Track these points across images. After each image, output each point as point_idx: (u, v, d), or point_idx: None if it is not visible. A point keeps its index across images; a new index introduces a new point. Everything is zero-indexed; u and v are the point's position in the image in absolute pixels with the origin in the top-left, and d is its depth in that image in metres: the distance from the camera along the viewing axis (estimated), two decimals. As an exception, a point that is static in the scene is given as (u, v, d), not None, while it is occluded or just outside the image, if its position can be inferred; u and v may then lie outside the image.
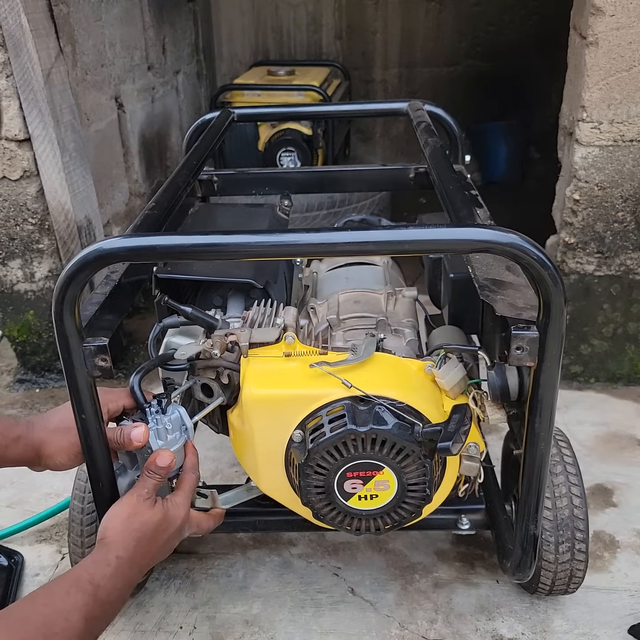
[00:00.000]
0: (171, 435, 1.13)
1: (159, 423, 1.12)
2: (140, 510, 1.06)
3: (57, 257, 2.12)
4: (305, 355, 1.17)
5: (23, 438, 1.11)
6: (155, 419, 1.12)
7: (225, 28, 3.93)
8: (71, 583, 0.94)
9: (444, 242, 0.95)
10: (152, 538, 1.06)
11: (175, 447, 1.13)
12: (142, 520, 1.05)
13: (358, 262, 1.56)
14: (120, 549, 1.01)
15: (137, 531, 1.04)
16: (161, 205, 1.22)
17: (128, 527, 1.04)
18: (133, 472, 1.16)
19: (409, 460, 1.08)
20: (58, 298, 0.93)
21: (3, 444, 1.10)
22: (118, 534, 1.03)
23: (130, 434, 1.08)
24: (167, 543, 1.09)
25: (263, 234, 0.97)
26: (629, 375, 2.14)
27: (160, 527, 1.07)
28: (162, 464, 1.07)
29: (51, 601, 0.90)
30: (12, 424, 1.12)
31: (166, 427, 1.12)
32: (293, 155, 2.86)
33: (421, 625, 1.42)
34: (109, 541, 1.02)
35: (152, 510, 1.07)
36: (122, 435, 1.09)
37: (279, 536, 1.63)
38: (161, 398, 1.14)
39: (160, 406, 1.13)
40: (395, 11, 3.81)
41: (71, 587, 0.93)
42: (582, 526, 1.29)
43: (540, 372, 0.99)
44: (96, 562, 0.98)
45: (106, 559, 0.99)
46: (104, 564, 0.98)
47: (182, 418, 1.15)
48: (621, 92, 1.78)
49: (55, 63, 1.97)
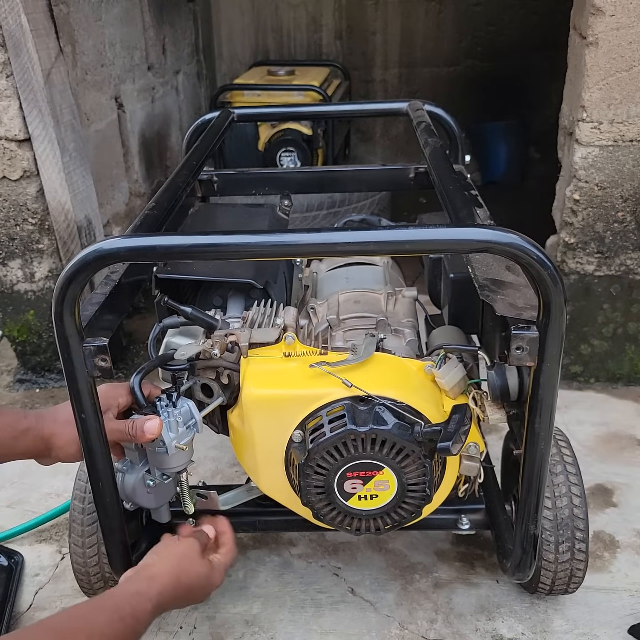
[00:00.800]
0: (182, 428, 1.13)
1: (170, 416, 1.12)
2: (192, 556, 1.09)
3: (57, 257, 2.12)
4: (305, 356, 1.17)
5: (33, 429, 1.11)
6: (166, 412, 1.12)
7: (225, 28, 3.93)
8: (114, 610, 0.94)
9: (444, 242, 0.95)
10: (189, 589, 1.07)
11: (185, 440, 1.14)
12: (189, 568, 1.07)
13: (358, 262, 1.56)
14: (164, 588, 1.02)
15: (182, 576, 1.06)
16: (161, 206, 1.22)
17: (176, 569, 1.06)
18: (140, 468, 1.16)
19: (408, 460, 1.08)
20: (58, 298, 0.93)
21: (12, 435, 1.10)
22: (165, 573, 1.04)
23: (143, 426, 1.08)
24: (195, 598, 1.11)
25: (263, 234, 0.97)
26: (629, 375, 2.14)
27: (201, 583, 1.09)
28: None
29: (97, 622, 0.91)
30: (21, 416, 1.12)
31: (177, 420, 1.13)
32: (293, 155, 2.85)
33: (421, 625, 1.42)
34: (156, 575, 1.03)
35: (202, 562, 1.10)
36: (135, 428, 1.08)
37: (279, 536, 1.63)
38: (171, 392, 1.14)
39: (171, 400, 1.13)
40: (395, 11, 3.81)
41: (114, 614, 0.93)
42: (582, 526, 1.29)
43: (540, 372, 0.99)
44: (140, 594, 0.99)
45: (148, 594, 0.99)
46: (146, 598, 0.99)
47: (191, 411, 1.15)
48: (621, 92, 1.78)
49: (55, 63, 1.97)
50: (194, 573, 1.08)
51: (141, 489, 1.16)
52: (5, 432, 1.10)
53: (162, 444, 1.11)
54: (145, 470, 1.16)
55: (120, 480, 1.16)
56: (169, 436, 1.11)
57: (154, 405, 1.12)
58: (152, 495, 1.18)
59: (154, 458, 1.14)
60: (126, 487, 1.16)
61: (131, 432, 1.09)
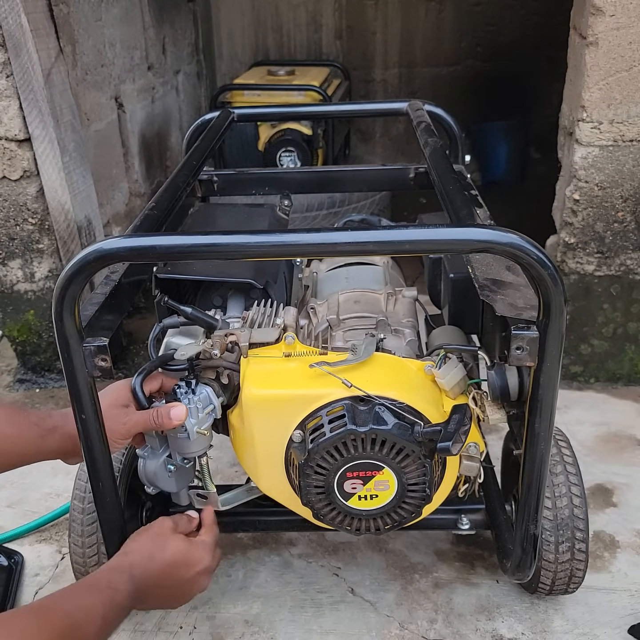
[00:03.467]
0: (202, 414, 1.16)
1: (190, 402, 1.14)
2: (167, 533, 1.10)
3: (57, 257, 2.12)
4: (305, 356, 1.17)
5: (60, 428, 1.12)
6: (187, 399, 1.15)
7: (225, 28, 3.93)
8: (91, 585, 0.97)
9: (444, 242, 0.95)
10: (168, 565, 1.07)
11: (205, 425, 1.16)
12: (163, 544, 1.08)
13: (358, 262, 1.56)
14: (136, 558, 1.04)
15: (156, 552, 1.07)
16: (161, 206, 1.22)
17: (148, 545, 1.07)
18: (161, 454, 1.19)
19: (408, 460, 1.08)
20: (58, 298, 0.93)
21: (39, 434, 1.10)
22: (137, 549, 1.06)
23: (169, 413, 1.10)
24: (182, 577, 1.10)
25: (263, 234, 0.97)
26: (629, 375, 2.14)
27: (179, 558, 1.09)
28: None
29: (73, 598, 0.93)
30: (45, 415, 1.13)
31: (197, 406, 1.15)
32: (293, 155, 2.85)
33: (421, 625, 1.42)
34: (128, 550, 1.06)
35: (176, 537, 1.10)
36: (160, 415, 1.10)
37: (279, 536, 1.63)
38: (189, 379, 1.16)
39: (190, 386, 1.15)
40: (395, 11, 3.80)
41: (91, 588, 0.96)
42: (582, 526, 1.29)
43: (540, 372, 0.99)
44: (113, 568, 1.02)
45: (123, 565, 1.02)
46: (121, 570, 1.02)
47: (210, 397, 1.18)
48: (621, 92, 1.78)
49: (55, 63, 1.97)
50: (168, 549, 1.08)
51: (162, 474, 1.19)
52: (31, 432, 1.10)
53: (184, 430, 1.14)
54: (166, 455, 1.19)
55: (141, 466, 1.19)
56: (190, 422, 1.14)
57: (174, 393, 1.15)
58: (173, 479, 1.21)
59: (175, 444, 1.17)
60: (148, 473, 1.19)
61: (157, 421, 1.11)
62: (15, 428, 1.09)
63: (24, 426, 1.10)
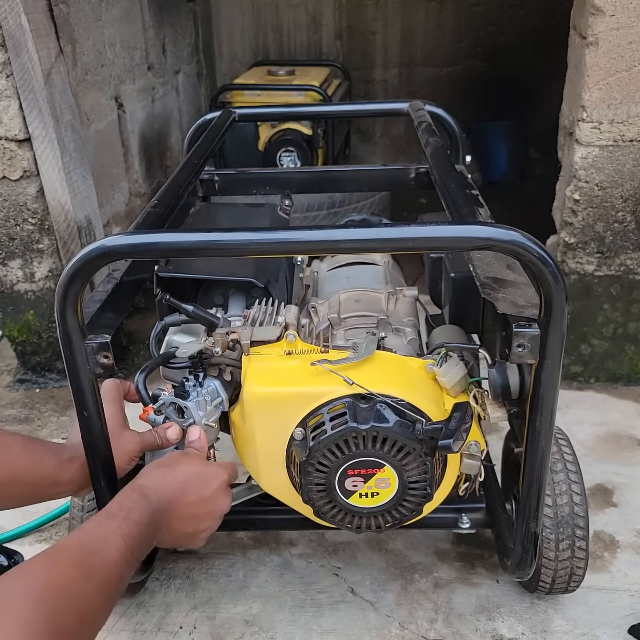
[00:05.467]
0: (210, 407, 1.17)
1: (199, 395, 1.16)
2: (175, 456, 1.08)
3: (57, 257, 2.12)
4: (306, 354, 1.17)
5: (76, 459, 1.09)
6: (195, 392, 1.16)
7: (225, 28, 3.93)
8: (100, 515, 0.91)
9: (446, 239, 0.95)
10: (183, 480, 1.02)
11: (213, 418, 1.18)
12: (174, 463, 1.05)
13: (359, 262, 1.56)
14: (145, 481, 0.99)
15: (167, 469, 1.03)
16: (163, 204, 1.22)
17: (157, 468, 1.04)
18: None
19: (409, 458, 1.08)
20: (61, 295, 0.93)
21: (57, 465, 1.07)
22: (145, 473, 1.02)
23: (166, 435, 1.15)
24: (202, 501, 1.03)
25: (266, 232, 0.97)
26: (629, 375, 2.15)
27: (194, 472, 1.04)
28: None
29: (84, 529, 0.87)
30: (59, 447, 1.10)
31: (205, 399, 1.17)
32: (293, 155, 2.85)
33: (421, 625, 1.42)
34: (137, 477, 1.02)
35: (188, 456, 1.09)
36: (160, 438, 1.15)
37: (279, 536, 1.63)
38: (197, 372, 1.18)
39: (198, 380, 1.17)
40: (395, 11, 3.81)
41: (101, 516, 0.90)
42: (582, 523, 1.29)
43: (542, 369, 0.99)
44: (121, 494, 0.97)
45: (131, 488, 0.97)
46: (129, 491, 0.96)
47: (217, 390, 1.19)
48: (621, 92, 1.78)
49: (55, 63, 1.97)
50: (179, 467, 1.04)
51: None
52: (49, 461, 1.07)
53: (193, 423, 1.16)
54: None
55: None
56: (198, 415, 1.16)
57: (182, 385, 1.16)
58: None
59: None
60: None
61: (158, 443, 1.15)
62: (33, 457, 1.05)
63: (41, 455, 1.06)
